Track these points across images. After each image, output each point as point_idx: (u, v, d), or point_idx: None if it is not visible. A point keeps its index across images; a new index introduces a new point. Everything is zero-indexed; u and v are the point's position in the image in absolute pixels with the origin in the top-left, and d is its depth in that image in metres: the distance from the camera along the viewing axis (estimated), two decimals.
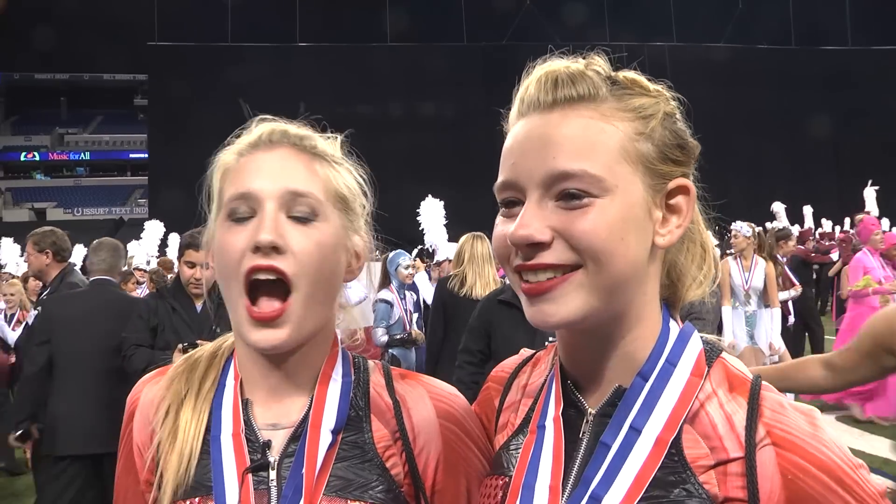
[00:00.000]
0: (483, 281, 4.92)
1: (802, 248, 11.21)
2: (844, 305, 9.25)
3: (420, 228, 10.24)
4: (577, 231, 0.84)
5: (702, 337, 0.96)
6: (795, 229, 16.22)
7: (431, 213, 9.99)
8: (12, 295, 7.69)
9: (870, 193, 14.25)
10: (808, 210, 15.71)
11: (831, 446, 0.83)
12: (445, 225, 10.14)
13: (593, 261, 0.84)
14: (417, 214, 10.47)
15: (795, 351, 9.10)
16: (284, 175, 1.03)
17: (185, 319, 4.20)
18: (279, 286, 0.99)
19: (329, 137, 1.14)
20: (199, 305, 4.27)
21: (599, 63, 0.93)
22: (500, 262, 0.93)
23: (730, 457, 0.85)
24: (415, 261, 8.12)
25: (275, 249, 0.97)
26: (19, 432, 4.42)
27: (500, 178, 0.91)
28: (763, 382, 0.90)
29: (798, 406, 0.87)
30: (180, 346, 3.92)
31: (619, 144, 0.87)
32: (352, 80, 29.06)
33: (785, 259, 9.02)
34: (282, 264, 0.98)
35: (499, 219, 0.92)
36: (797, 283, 8.89)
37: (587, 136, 0.86)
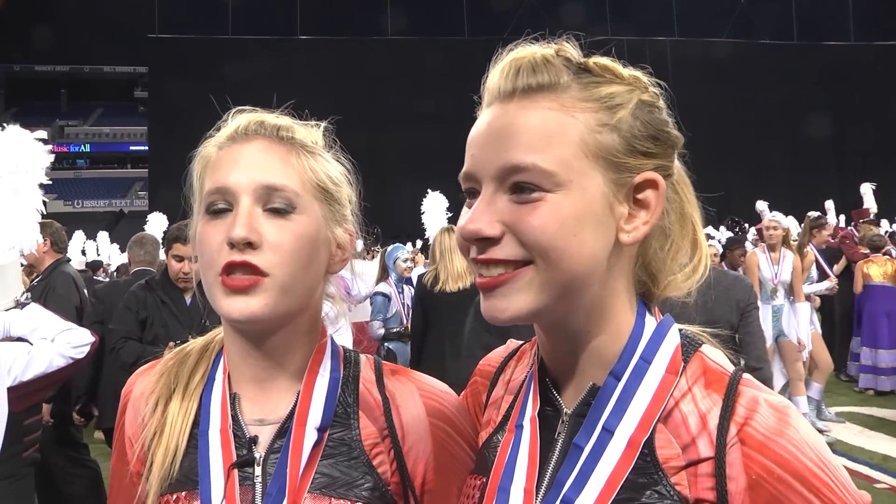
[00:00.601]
0: (455, 274, 4.93)
1: (833, 241, 10.84)
2: (851, 302, 9.15)
3: (421, 224, 10.20)
4: (525, 226, 0.82)
5: (681, 330, 0.93)
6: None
7: (434, 208, 9.94)
8: None
9: (867, 190, 13.89)
10: (829, 205, 14.83)
11: (800, 445, 0.78)
12: (447, 220, 10.09)
13: (542, 257, 0.82)
14: (417, 209, 10.43)
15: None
16: (259, 168, 1.01)
17: (175, 312, 4.17)
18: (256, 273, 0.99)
19: (310, 125, 1.12)
20: (188, 298, 4.23)
21: (568, 49, 0.89)
22: (462, 254, 0.91)
23: (700, 457, 0.82)
24: (413, 255, 8.11)
25: (249, 245, 0.96)
26: (78, 406, 4.85)
27: (463, 169, 0.89)
28: (743, 377, 0.86)
29: (773, 402, 0.82)
30: (171, 343, 3.86)
31: (577, 137, 0.83)
32: (352, 73, 29.02)
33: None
34: (255, 259, 0.96)
35: (463, 209, 0.90)
36: (832, 274, 8.46)
37: (543, 128, 0.83)
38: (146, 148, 40.02)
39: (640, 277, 0.94)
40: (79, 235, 17.08)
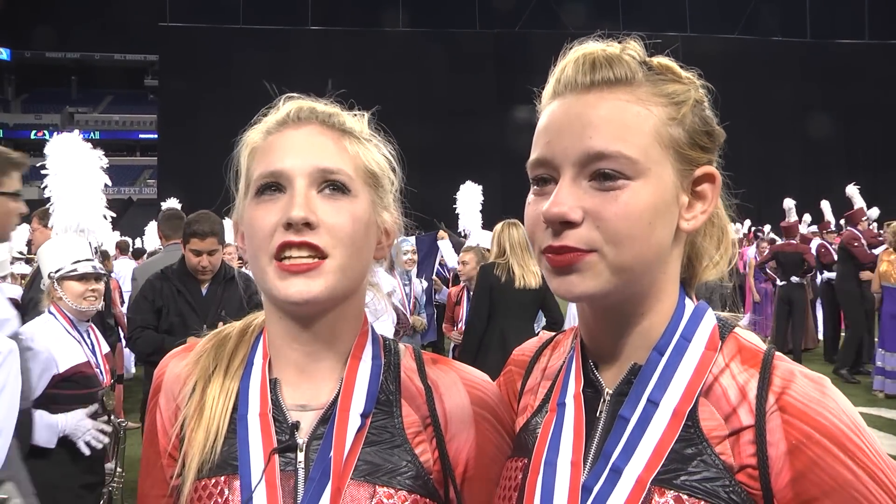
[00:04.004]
0: (531, 270, 5.05)
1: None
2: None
3: (454, 212, 10.22)
4: (607, 213, 0.86)
5: (715, 314, 0.99)
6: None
7: (469, 198, 10.01)
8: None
9: (853, 192, 13.58)
10: (789, 203, 14.08)
11: (837, 412, 0.84)
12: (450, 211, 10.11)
13: (615, 245, 0.87)
14: (426, 202, 10.39)
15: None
16: (314, 152, 1.02)
17: (190, 302, 4.19)
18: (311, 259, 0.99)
19: (356, 114, 1.14)
20: (204, 289, 4.26)
21: (634, 48, 0.96)
22: (530, 240, 0.96)
23: (742, 425, 0.87)
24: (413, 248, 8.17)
25: (307, 226, 0.97)
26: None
27: (534, 156, 0.94)
28: (777, 353, 0.92)
29: (809, 374, 0.89)
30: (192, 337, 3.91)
31: (653, 128, 0.89)
32: (362, 65, 28.95)
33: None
34: (314, 239, 0.97)
35: (530, 197, 0.95)
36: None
37: (623, 118, 0.89)
38: (155, 136, 40.12)
39: (682, 262, 1.00)
40: None
